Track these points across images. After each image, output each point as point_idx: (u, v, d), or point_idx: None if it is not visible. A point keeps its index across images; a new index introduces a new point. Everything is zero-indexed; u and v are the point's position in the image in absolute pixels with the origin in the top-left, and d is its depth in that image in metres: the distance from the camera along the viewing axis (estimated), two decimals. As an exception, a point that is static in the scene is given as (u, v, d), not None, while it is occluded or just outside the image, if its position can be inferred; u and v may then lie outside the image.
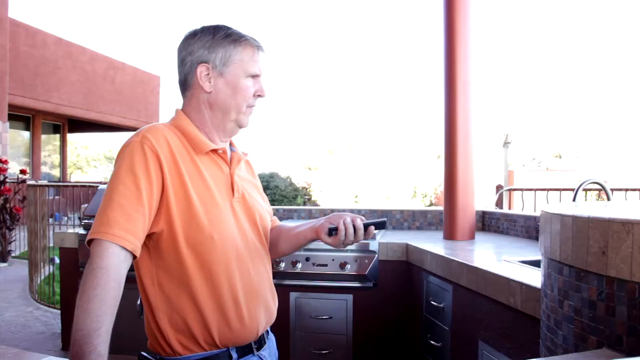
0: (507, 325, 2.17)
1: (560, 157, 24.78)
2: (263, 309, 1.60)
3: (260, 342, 1.62)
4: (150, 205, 1.41)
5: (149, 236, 1.45)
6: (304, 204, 15.99)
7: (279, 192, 15.79)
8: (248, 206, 1.62)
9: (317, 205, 15.94)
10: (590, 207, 1.56)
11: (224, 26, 1.60)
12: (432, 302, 2.90)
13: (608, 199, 2.63)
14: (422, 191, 17.17)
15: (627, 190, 5.81)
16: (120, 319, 1.45)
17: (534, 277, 2.06)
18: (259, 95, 1.63)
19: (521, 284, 2.02)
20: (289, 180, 16.34)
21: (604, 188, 2.61)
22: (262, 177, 15.69)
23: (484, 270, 2.32)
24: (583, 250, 1.31)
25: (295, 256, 3.42)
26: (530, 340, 1.96)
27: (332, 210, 4.32)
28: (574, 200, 2.53)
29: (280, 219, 4.29)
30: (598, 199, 7.29)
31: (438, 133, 3.63)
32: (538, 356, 1.67)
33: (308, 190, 16.76)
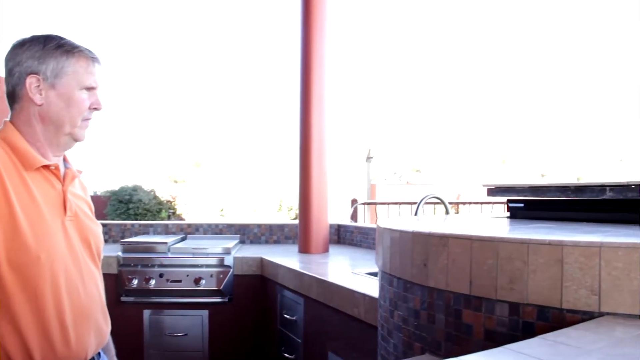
0: (353, 336, 2.25)
1: (420, 172, 26.07)
2: (93, 332, 1.54)
3: None
4: None
5: None
6: (169, 217, 15.59)
7: (142, 206, 15.26)
8: (81, 225, 1.56)
9: (182, 219, 15.60)
10: (416, 222, 1.66)
11: (56, 36, 1.53)
12: (286, 315, 2.94)
13: (447, 212, 2.81)
14: (288, 204, 17.36)
15: (470, 203, 6.29)
16: None
17: (376, 289, 2.15)
18: (95, 108, 1.58)
19: (364, 295, 2.11)
20: (152, 193, 15.84)
21: (443, 202, 2.78)
22: (124, 191, 15.11)
23: (331, 283, 2.39)
24: (408, 262, 1.39)
25: (149, 272, 3.33)
26: (373, 350, 2.04)
27: (190, 225, 4.26)
28: (415, 214, 2.68)
29: (136, 234, 4.17)
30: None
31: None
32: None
33: (173, 203, 16.37)
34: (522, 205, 1.90)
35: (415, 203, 2.84)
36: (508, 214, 2.02)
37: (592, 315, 1.05)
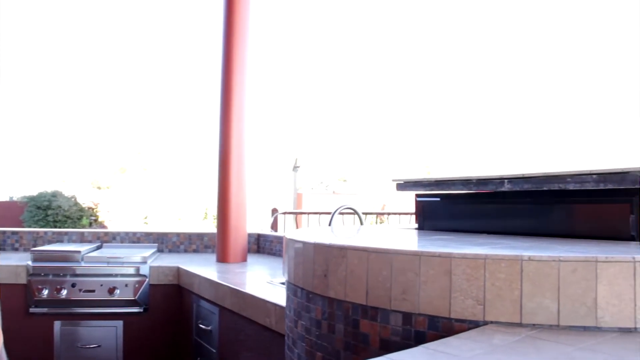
0: (265, 345, 2.26)
1: (346, 181, 26.38)
2: None
3: None
4: None
5: None
6: (90, 225, 15.12)
7: (62, 213, 14.75)
8: None
9: (104, 227, 15.18)
10: (320, 233, 1.70)
11: None
12: (201, 326, 2.92)
13: (361, 223, 2.86)
14: (214, 213, 17.19)
15: (389, 214, 6.45)
16: None
17: (288, 298, 2.17)
18: None
19: (275, 305, 2.12)
20: (73, 199, 15.34)
21: (357, 213, 2.84)
22: (43, 196, 14.58)
23: (244, 293, 2.39)
24: (310, 273, 1.42)
25: (60, 282, 3.23)
26: (283, 359, 2.06)
27: (107, 234, 4.16)
28: (329, 224, 2.72)
29: (49, 242, 4.03)
30: (374, 223, 7.88)
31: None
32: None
33: (95, 210, 15.90)
34: (430, 200, 1.98)
35: (325, 213, 2.88)
36: (416, 225, 2.09)
37: (478, 324, 1.11)
